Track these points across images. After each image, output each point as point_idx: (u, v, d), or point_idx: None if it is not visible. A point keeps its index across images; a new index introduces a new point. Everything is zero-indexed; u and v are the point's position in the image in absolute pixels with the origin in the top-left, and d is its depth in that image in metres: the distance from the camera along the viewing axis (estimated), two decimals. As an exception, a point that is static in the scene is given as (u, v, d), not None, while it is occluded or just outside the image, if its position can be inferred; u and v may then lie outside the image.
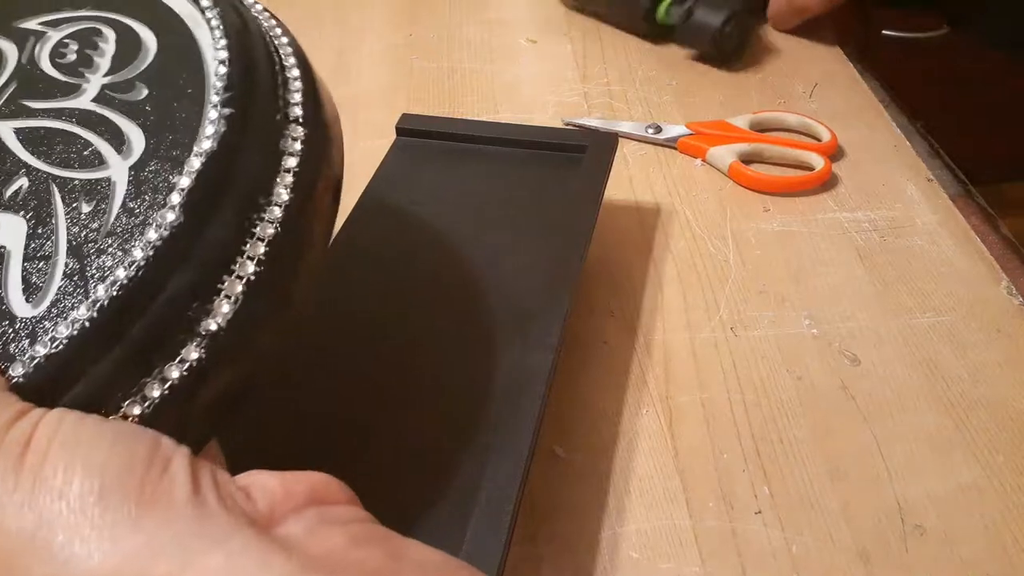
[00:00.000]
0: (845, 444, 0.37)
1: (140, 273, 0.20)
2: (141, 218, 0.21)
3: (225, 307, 0.21)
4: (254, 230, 0.22)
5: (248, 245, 0.22)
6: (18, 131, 0.24)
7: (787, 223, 0.49)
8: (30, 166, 0.23)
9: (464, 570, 0.19)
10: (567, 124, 0.59)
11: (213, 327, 0.21)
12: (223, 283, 0.21)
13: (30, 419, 0.19)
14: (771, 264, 0.46)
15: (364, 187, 0.45)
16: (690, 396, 0.40)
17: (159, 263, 0.20)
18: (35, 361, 0.20)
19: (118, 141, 0.23)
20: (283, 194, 0.23)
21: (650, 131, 0.56)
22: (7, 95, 0.25)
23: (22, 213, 0.22)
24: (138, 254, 0.20)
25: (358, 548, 0.18)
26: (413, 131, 0.49)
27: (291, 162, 0.24)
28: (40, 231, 0.22)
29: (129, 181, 0.22)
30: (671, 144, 0.55)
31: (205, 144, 0.22)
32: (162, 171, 0.22)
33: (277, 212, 0.23)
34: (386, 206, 0.45)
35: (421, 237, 0.43)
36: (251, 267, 0.22)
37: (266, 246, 0.22)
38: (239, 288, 0.21)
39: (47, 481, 0.17)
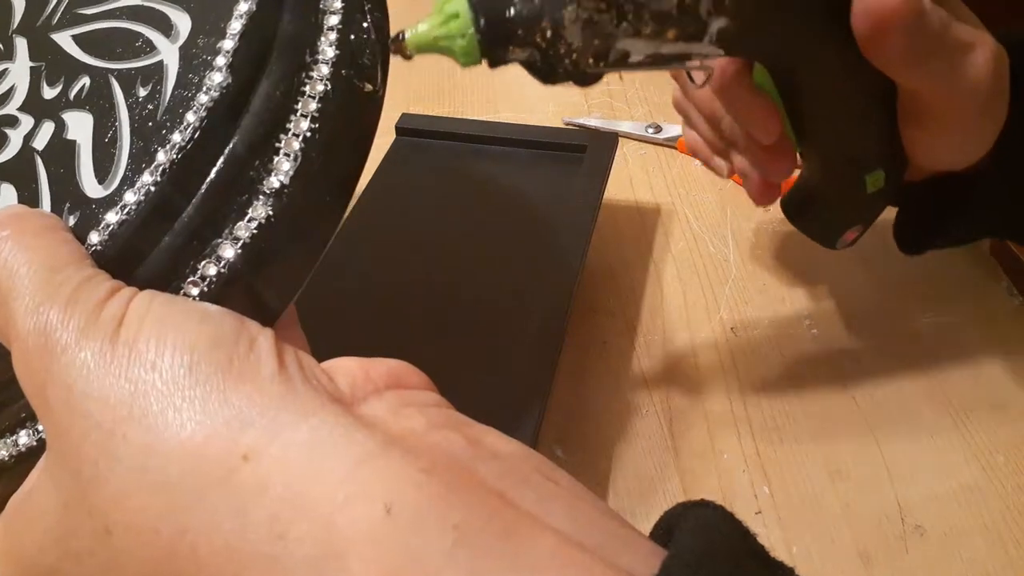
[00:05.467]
0: (845, 444, 0.37)
1: (196, 135, 0.21)
2: (194, 88, 0.22)
3: (286, 164, 0.22)
4: (304, 88, 0.23)
5: (300, 103, 0.23)
6: (75, 37, 0.26)
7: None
8: (89, 65, 0.25)
9: (535, 459, 0.19)
10: (567, 124, 0.58)
11: (276, 184, 0.22)
12: (280, 141, 0.22)
13: (122, 297, 0.19)
14: (771, 264, 0.46)
15: (364, 187, 0.45)
16: (690, 396, 0.40)
17: (212, 123, 0.21)
18: (109, 228, 0.21)
19: (166, 28, 0.24)
20: (328, 51, 0.23)
21: (650, 131, 0.56)
22: (63, 7, 0.27)
23: (87, 108, 0.24)
24: (191, 117, 0.22)
25: (437, 430, 0.19)
26: (413, 131, 0.49)
27: (333, 20, 0.24)
28: (105, 121, 0.23)
29: (180, 60, 0.23)
30: (671, 144, 0.55)
31: (244, 7, 0.23)
32: (209, 43, 0.23)
33: (325, 69, 0.23)
34: (385, 206, 0.45)
35: (420, 237, 0.43)
36: (305, 124, 0.22)
37: (318, 102, 0.23)
38: (296, 145, 0.22)
39: (141, 354, 0.18)
